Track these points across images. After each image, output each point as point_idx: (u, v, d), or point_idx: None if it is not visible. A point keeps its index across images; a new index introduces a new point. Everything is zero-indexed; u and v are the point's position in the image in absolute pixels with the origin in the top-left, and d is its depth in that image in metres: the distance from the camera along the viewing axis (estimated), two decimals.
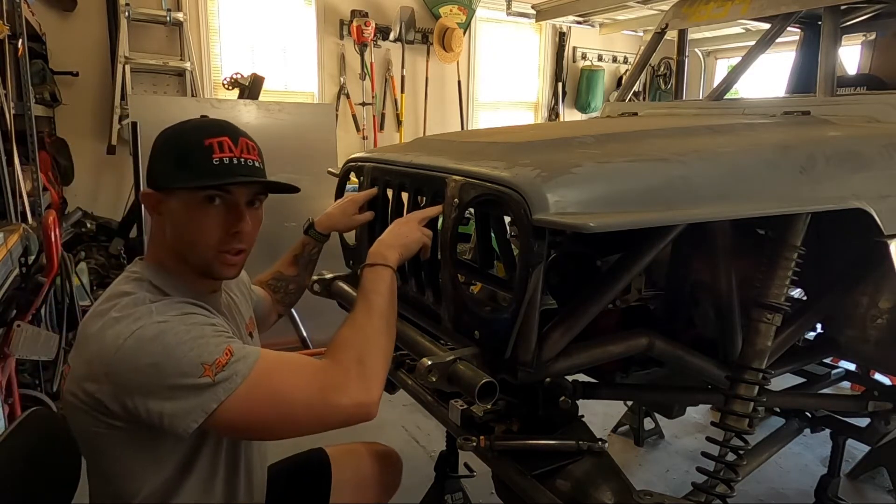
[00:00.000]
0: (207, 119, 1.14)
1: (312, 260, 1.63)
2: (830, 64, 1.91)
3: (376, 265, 1.18)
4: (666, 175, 1.21)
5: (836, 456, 2.15)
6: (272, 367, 0.99)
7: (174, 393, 0.92)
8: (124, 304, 0.99)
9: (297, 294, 1.63)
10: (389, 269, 1.18)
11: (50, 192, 3.55)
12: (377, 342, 1.09)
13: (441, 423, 1.54)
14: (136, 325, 0.94)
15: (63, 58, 3.95)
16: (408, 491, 1.68)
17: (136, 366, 0.92)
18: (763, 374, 1.32)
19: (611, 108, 2.61)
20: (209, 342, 0.96)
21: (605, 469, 1.29)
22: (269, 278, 1.59)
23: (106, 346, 0.94)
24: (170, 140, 1.10)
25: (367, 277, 1.17)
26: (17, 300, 2.13)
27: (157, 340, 0.93)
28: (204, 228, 1.07)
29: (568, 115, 6.28)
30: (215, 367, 0.93)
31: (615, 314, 1.53)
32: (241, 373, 0.95)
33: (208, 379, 0.92)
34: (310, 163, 3.51)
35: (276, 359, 1.01)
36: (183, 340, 0.94)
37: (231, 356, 0.96)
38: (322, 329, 3.71)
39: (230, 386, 0.94)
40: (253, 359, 0.98)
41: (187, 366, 0.92)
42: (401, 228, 1.25)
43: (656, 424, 2.93)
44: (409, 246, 1.24)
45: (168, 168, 1.06)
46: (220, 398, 0.93)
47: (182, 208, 1.06)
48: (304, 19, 4.86)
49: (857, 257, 1.53)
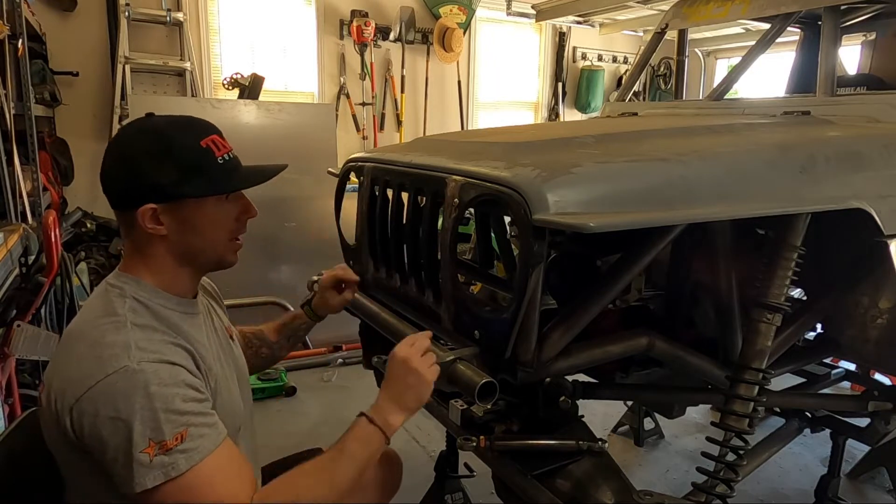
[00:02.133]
0: (174, 117, 1.11)
1: (297, 336, 1.61)
2: (830, 64, 1.91)
3: (374, 424, 1.10)
4: (666, 175, 1.21)
5: (836, 456, 2.15)
6: (210, 474, 0.94)
7: (116, 455, 0.91)
8: (105, 328, 0.98)
9: (266, 361, 1.57)
10: (384, 437, 1.10)
11: (50, 192, 3.55)
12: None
13: (441, 423, 1.55)
14: (112, 368, 0.92)
15: (63, 58, 3.95)
16: (408, 491, 1.68)
17: (97, 413, 0.91)
18: (763, 374, 1.32)
19: (611, 108, 2.61)
20: (168, 418, 0.92)
21: (605, 469, 1.29)
22: (250, 332, 1.55)
23: (79, 380, 0.93)
24: (156, 148, 1.04)
25: (357, 432, 1.10)
26: (17, 300, 2.13)
27: (122, 396, 0.91)
28: (218, 226, 1.10)
29: (568, 115, 6.28)
30: (160, 447, 0.91)
31: (615, 314, 1.53)
32: (178, 467, 0.92)
33: (147, 457, 0.90)
34: (310, 163, 3.51)
35: (219, 465, 0.96)
36: (146, 406, 0.91)
37: (180, 443, 0.92)
38: (322, 329, 3.70)
39: (160, 475, 0.91)
40: (199, 456, 0.94)
41: (138, 434, 0.90)
42: (409, 378, 1.12)
43: (656, 424, 2.93)
44: (421, 401, 1.14)
45: (174, 178, 1.03)
46: (146, 485, 0.90)
47: (197, 213, 1.07)
48: (304, 19, 4.86)
49: (857, 257, 1.53)
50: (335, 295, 1.60)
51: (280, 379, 3.29)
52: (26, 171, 3.12)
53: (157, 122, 1.09)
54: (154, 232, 1.05)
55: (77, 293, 2.68)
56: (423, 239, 1.40)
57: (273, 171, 1.16)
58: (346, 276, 1.60)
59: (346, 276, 1.60)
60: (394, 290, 1.57)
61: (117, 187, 1.06)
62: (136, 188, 1.03)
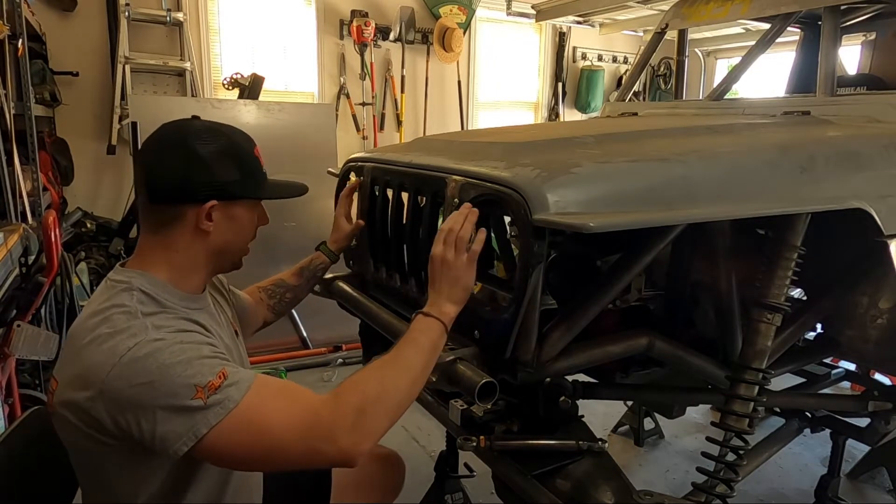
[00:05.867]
0: (229, 125, 1.17)
1: (316, 276, 1.67)
2: (830, 64, 1.91)
3: (430, 316, 1.13)
4: (666, 175, 1.21)
5: (836, 456, 2.15)
6: (264, 396, 0.96)
7: (165, 414, 0.90)
8: (117, 317, 0.97)
9: (290, 304, 1.64)
10: (442, 325, 1.13)
11: (50, 192, 3.55)
12: (391, 398, 1.02)
13: (441, 423, 1.54)
14: (133, 342, 0.92)
15: (63, 58, 3.95)
16: (408, 491, 1.68)
17: (131, 384, 0.90)
18: (763, 374, 1.32)
19: (611, 108, 2.61)
20: (203, 363, 0.94)
21: (605, 469, 1.29)
22: (269, 284, 1.62)
23: (101, 362, 0.92)
24: (225, 149, 1.10)
25: (415, 326, 1.13)
26: (17, 300, 2.13)
27: (151, 358, 0.91)
28: (250, 229, 1.20)
29: (568, 115, 6.28)
30: (208, 389, 0.91)
31: (615, 314, 1.52)
32: (232, 398, 0.93)
33: (200, 401, 0.90)
34: (310, 163, 3.51)
35: (269, 388, 0.98)
36: (177, 360, 0.92)
37: (224, 379, 0.93)
38: (322, 329, 3.72)
39: (221, 411, 0.91)
40: (246, 384, 0.95)
41: (180, 386, 0.90)
42: (451, 274, 1.15)
43: (656, 424, 2.93)
44: (468, 290, 1.17)
45: (236, 178, 1.11)
46: (211, 423, 0.91)
47: (246, 214, 1.16)
48: (304, 19, 4.86)
49: (857, 257, 1.53)
50: (347, 224, 1.68)
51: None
52: (26, 171, 3.12)
53: (219, 126, 1.14)
54: (204, 228, 1.09)
55: (77, 293, 2.69)
56: (423, 239, 1.40)
57: (302, 189, 1.28)
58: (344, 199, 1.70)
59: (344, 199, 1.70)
60: (394, 290, 1.57)
61: (177, 182, 1.07)
62: (201, 184, 1.07)
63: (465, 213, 1.18)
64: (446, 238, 1.16)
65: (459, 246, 1.15)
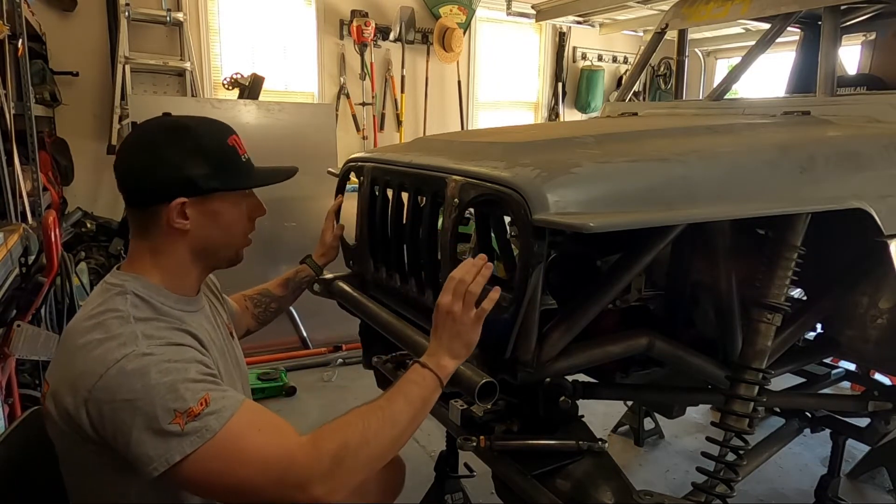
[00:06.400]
0: (196, 117, 1.14)
1: (300, 288, 1.71)
2: (830, 64, 1.91)
3: (427, 368, 1.09)
4: (666, 175, 1.21)
5: (836, 456, 2.15)
6: (243, 429, 0.93)
7: (142, 436, 0.89)
8: (110, 322, 0.97)
9: (274, 314, 1.66)
10: (438, 380, 1.09)
11: (50, 192, 3.55)
12: (371, 449, 0.99)
13: (441, 423, 1.54)
14: (121, 354, 0.92)
15: (63, 58, 3.95)
16: (408, 491, 1.68)
17: (114, 398, 0.90)
18: (763, 374, 1.32)
19: (611, 108, 2.61)
20: (188, 387, 0.92)
21: (605, 469, 1.29)
22: (255, 293, 1.64)
23: (90, 371, 0.92)
24: (188, 144, 1.07)
25: (409, 376, 1.09)
26: (17, 300, 2.13)
27: (137, 375, 0.90)
28: (237, 222, 1.16)
29: (568, 115, 6.28)
30: (187, 415, 0.89)
31: (615, 314, 1.53)
32: (211, 427, 0.90)
33: (177, 427, 0.89)
34: (310, 163, 3.49)
35: (250, 421, 0.95)
36: (162, 381, 0.91)
37: (206, 406, 0.91)
38: (322, 329, 3.72)
39: (197, 440, 0.89)
40: (228, 413, 0.93)
41: (160, 409, 0.89)
42: (454, 328, 1.10)
43: (656, 424, 2.93)
44: (470, 347, 1.12)
45: (205, 172, 1.07)
46: (185, 451, 0.89)
47: (222, 208, 1.12)
48: (304, 19, 4.86)
49: (857, 257, 1.53)
50: (333, 240, 1.74)
51: (280, 379, 3.29)
52: (26, 171, 3.12)
53: (184, 120, 1.11)
54: (179, 227, 1.07)
55: (77, 293, 2.69)
56: (422, 239, 1.40)
57: (290, 171, 1.24)
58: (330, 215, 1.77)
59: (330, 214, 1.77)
60: (394, 290, 1.57)
61: (145, 183, 1.06)
62: (167, 182, 1.05)
63: (480, 265, 1.11)
64: (456, 288, 1.10)
65: (468, 300, 1.09)
